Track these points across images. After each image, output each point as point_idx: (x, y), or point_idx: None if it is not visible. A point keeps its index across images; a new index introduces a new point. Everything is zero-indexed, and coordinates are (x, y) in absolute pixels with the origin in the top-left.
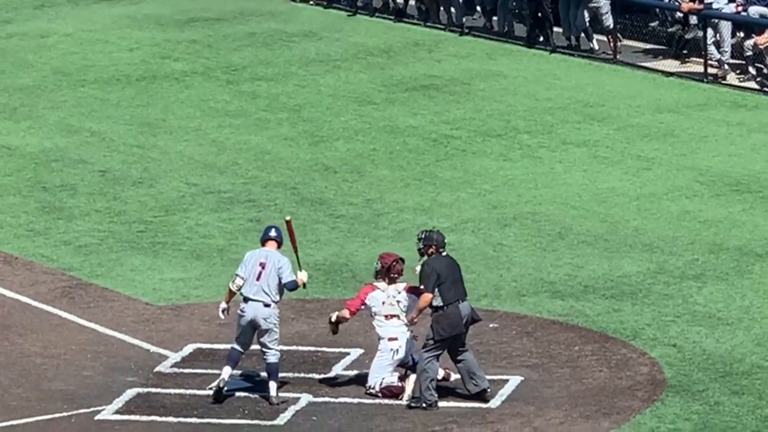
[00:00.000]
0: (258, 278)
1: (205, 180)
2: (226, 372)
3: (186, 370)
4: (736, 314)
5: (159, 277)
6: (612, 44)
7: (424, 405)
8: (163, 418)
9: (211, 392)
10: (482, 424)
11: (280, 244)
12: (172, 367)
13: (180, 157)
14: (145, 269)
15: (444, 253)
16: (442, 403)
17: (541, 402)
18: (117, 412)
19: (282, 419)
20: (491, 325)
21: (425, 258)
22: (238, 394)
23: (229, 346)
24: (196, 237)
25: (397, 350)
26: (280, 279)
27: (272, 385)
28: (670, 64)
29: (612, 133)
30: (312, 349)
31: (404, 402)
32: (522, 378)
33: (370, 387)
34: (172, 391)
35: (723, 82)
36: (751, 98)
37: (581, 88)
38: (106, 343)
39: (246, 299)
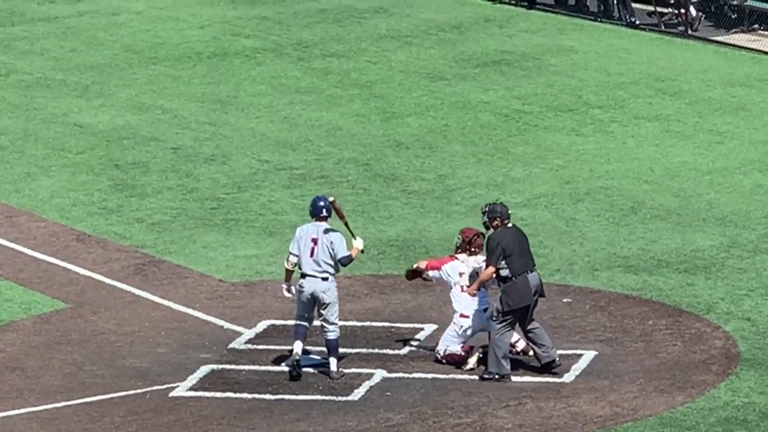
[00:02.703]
0: (312, 254)
1: (277, 156)
2: (298, 347)
3: (260, 347)
4: None
5: (232, 254)
6: (684, 18)
7: (496, 377)
8: (238, 395)
9: (287, 369)
10: (556, 398)
11: (328, 217)
12: (245, 343)
13: (252, 134)
14: (218, 246)
15: (509, 225)
16: (516, 378)
17: (615, 376)
18: (191, 388)
19: (356, 395)
20: (565, 300)
21: (491, 231)
22: (310, 370)
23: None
24: (269, 213)
25: (467, 329)
26: (333, 254)
27: (332, 361)
28: (742, 38)
29: (684, 108)
30: (386, 324)
31: (468, 369)
32: (596, 352)
33: (436, 351)
34: (246, 367)
35: None
36: None
37: (653, 62)
38: (180, 320)
39: (303, 275)
